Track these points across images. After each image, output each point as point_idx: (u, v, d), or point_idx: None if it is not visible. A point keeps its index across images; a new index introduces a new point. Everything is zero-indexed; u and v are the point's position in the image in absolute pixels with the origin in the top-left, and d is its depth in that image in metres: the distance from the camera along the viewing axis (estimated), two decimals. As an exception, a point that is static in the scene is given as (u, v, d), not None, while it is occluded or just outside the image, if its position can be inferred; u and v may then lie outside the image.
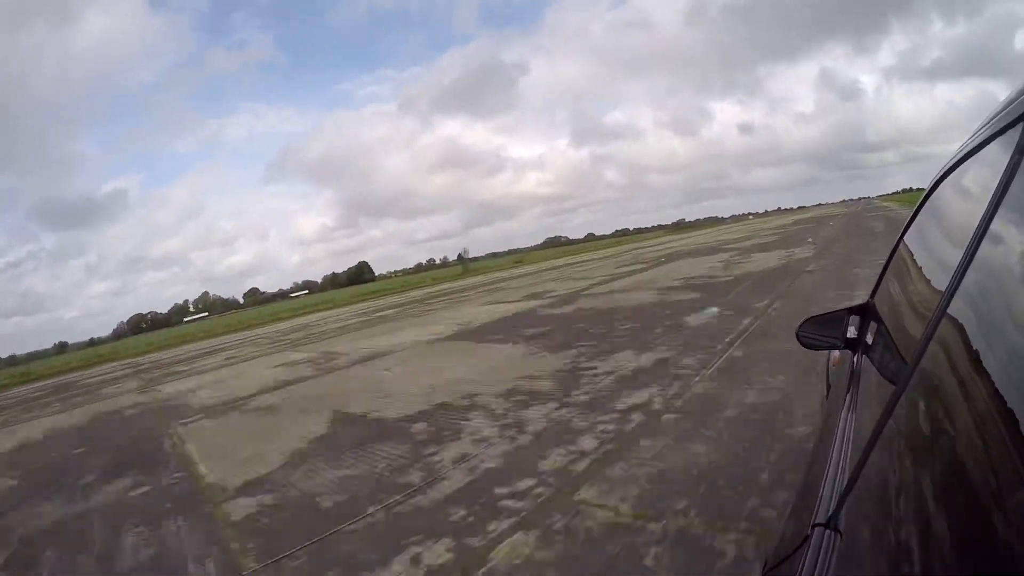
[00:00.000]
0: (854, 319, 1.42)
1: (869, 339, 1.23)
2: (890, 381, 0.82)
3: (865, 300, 1.49)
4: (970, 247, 0.60)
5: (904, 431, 0.64)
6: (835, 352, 1.69)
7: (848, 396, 1.12)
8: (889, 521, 0.56)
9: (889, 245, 1.43)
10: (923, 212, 1.14)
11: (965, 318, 0.58)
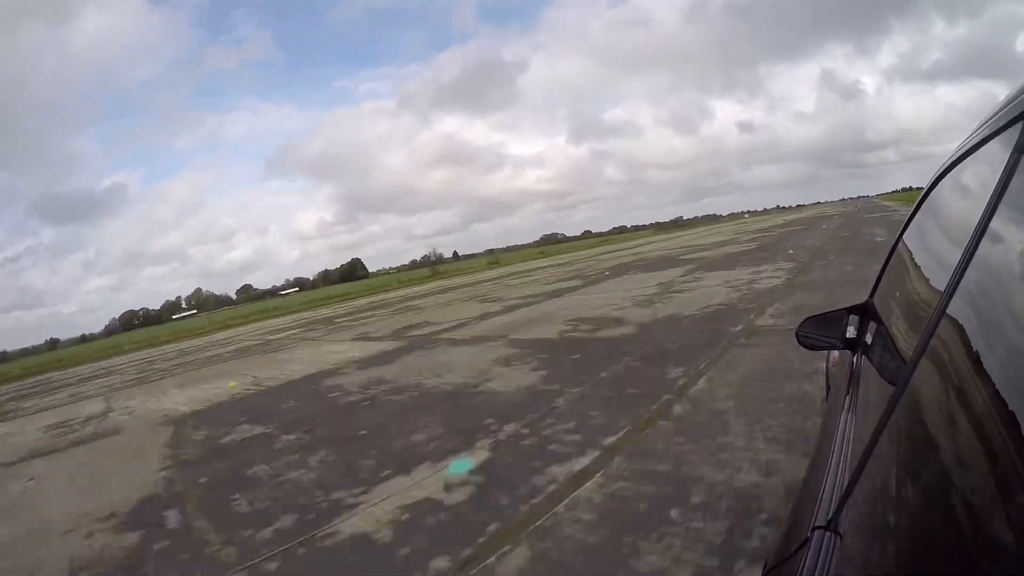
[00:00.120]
0: (853, 319, 1.42)
1: (868, 339, 1.23)
2: (889, 381, 0.82)
3: (864, 300, 1.48)
4: (969, 246, 0.59)
5: (904, 432, 0.63)
6: (834, 352, 1.69)
7: (848, 397, 1.11)
8: (889, 523, 0.55)
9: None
10: (922, 211, 1.13)
11: (964, 317, 0.57)
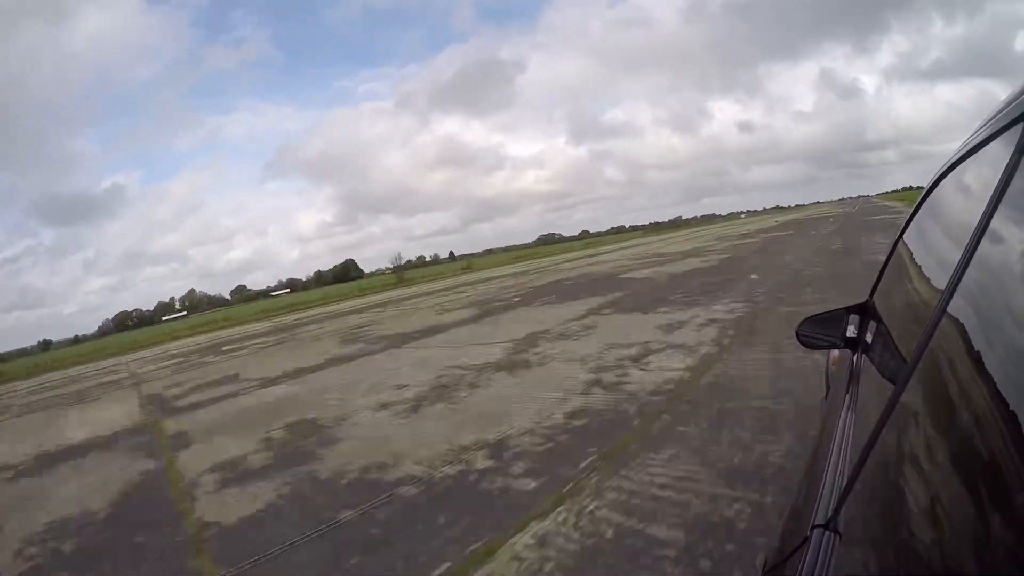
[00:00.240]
0: (854, 318, 1.42)
1: (868, 338, 1.23)
2: (890, 380, 0.82)
3: (865, 299, 1.49)
4: (970, 246, 0.59)
5: (904, 431, 0.63)
6: (834, 351, 1.69)
7: (848, 396, 1.11)
8: (888, 522, 0.55)
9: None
10: (923, 211, 1.13)
11: (965, 317, 0.57)
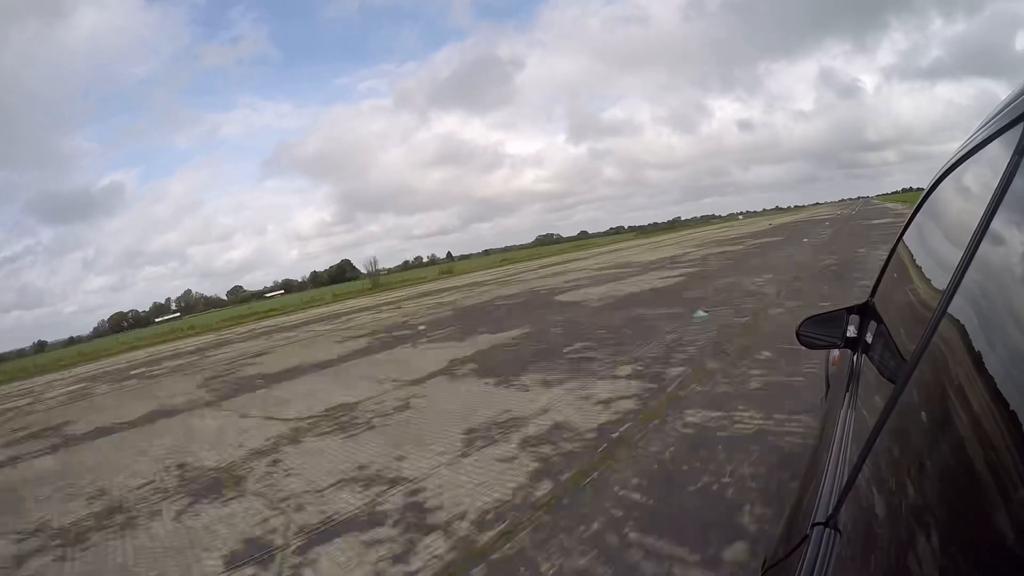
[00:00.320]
0: (854, 318, 1.42)
1: (869, 338, 1.23)
2: (889, 380, 0.82)
3: (865, 300, 1.49)
4: (970, 247, 0.59)
5: (903, 430, 0.64)
6: (835, 351, 1.70)
7: (848, 395, 1.12)
8: (888, 520, 0.56)
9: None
10: (923, 212, 1.13)
11: (965, 318, 0.58)
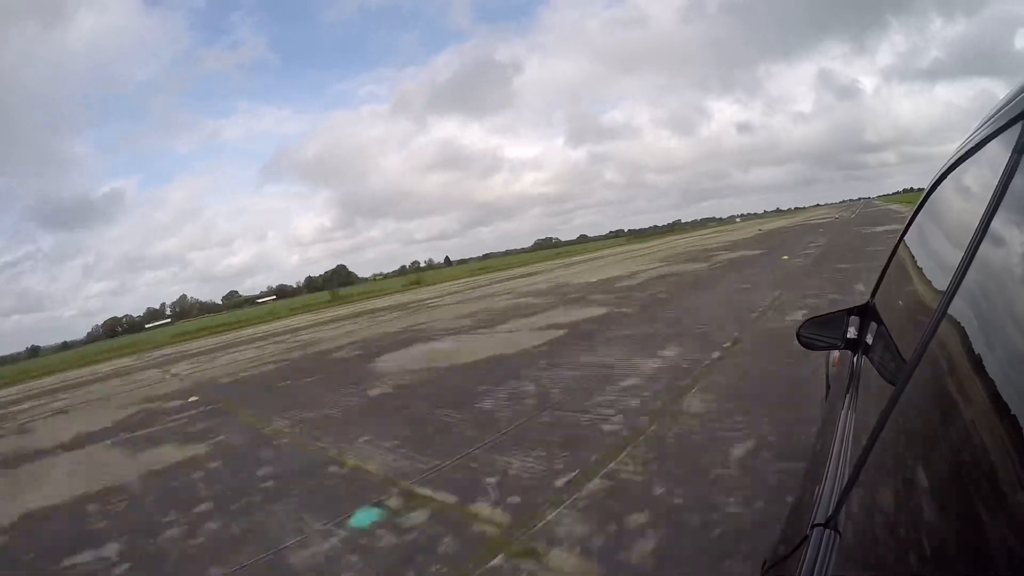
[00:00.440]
0: (854, 319, 1.42)
1: (869, 339, 1.23)
2: (890, 381, 0.82)
3: (865, 301, 1.49)
4: (970, 247, 0.59)
5: (903, 431, 0.64)
6: (835, 352, 1.69)
7: (848, 396, 1.11)
8: (888, 521, 0.56)
9: None
10: (923, 212, 1.13)
11: (965, 318, 0.57)
